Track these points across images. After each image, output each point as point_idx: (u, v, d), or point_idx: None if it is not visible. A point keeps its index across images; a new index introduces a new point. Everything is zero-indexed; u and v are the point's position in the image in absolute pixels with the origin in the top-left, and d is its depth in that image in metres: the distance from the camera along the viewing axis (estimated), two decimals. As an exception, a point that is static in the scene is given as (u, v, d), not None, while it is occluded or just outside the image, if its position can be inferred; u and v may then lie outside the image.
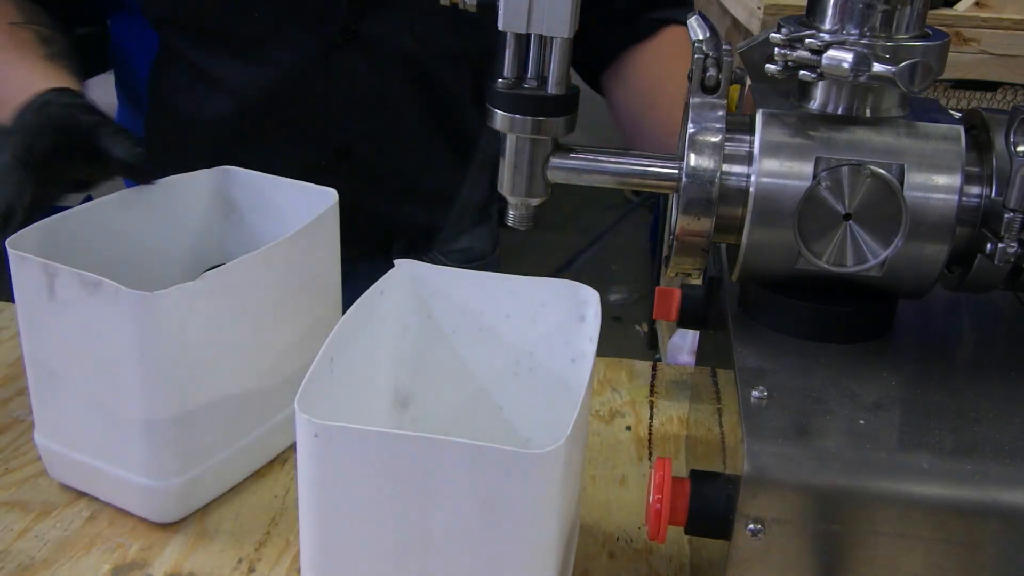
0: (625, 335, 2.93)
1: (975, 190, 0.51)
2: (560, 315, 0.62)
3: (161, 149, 1.01)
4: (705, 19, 0.53)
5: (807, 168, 0.50)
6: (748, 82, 0.56)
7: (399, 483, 0.47)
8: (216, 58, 0.93)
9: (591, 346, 0.57)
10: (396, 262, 0.62)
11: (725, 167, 0.51)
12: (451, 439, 0.46)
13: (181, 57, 0.95)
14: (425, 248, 1.07)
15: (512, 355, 0.63)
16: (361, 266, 1.05)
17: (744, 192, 0.51)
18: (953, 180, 0.50)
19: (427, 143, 0.99)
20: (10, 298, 0.67)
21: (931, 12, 0.52)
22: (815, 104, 0.52)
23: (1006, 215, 0.49)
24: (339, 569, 0.50)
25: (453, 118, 0.98)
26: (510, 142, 0.53)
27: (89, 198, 0.67)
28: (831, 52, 0.48)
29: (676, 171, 0.52)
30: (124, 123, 1.04)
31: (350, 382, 0.57)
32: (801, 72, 0.50)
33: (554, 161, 0.53)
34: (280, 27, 0.90)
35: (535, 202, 0.55)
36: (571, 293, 0.61)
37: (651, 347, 2.74)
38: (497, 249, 1.15)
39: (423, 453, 0.46)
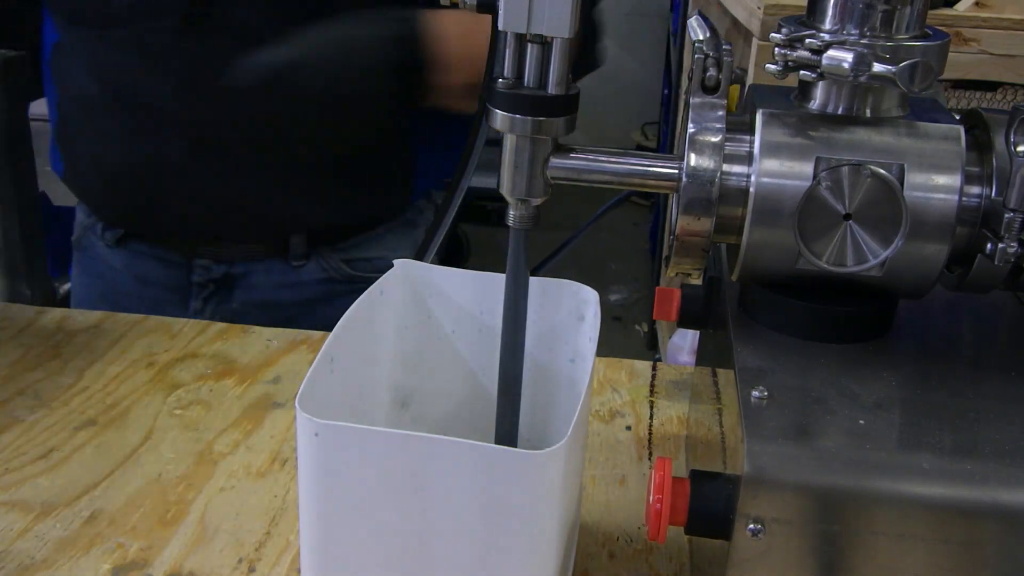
0: (625, 335, 2.93)
1: (975, 190, 0.51)
2: (560, 315, 0.62)
3: (69, 134, 1.02)
4: (705, 19, 0.53)
5: (807, 168, 0.50)
6: (748, 82, 0.56)
7: (400, 482, 0.47)
8: (88, 42, 0.94)
9: (591, 346, 0.57)
10: (395, 262, 0.62)
11: (725, 167, 0.51)
12: (451, 439, 0.46)
13: (67, 43, 0.97)
14: (325, 252, 1.05)
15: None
16: (257, 266, 1.05)
17: (744, 192, 0.51)
18: (953, 180, 0.50)
19: (290, 133, 0.97)
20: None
21: (931, 12, 0.52)
22: (815, 104, 0.52)
23: (1006, 215, 0.49)
24: (338, 568, 0.50)
25: (316, 105, 0.96)
26: (510, 142, 0.53)
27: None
28: (831, 52, 0.48)
29: (676, 171, 0.52)
30: (49, 115, 1.06)
31: (350, 382, 0.57)
32: (801, 72, 0.50)
33: (554, 161, 0.53)
34: (132, 11, 0.90)
35: (535, 202, 0.55)
36: (571, 293, 0.61)
37: (651, 347, 2.74)
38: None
39: (424, 452, 0.46)
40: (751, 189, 0.50)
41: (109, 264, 1.07)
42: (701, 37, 0.52)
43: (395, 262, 0.61)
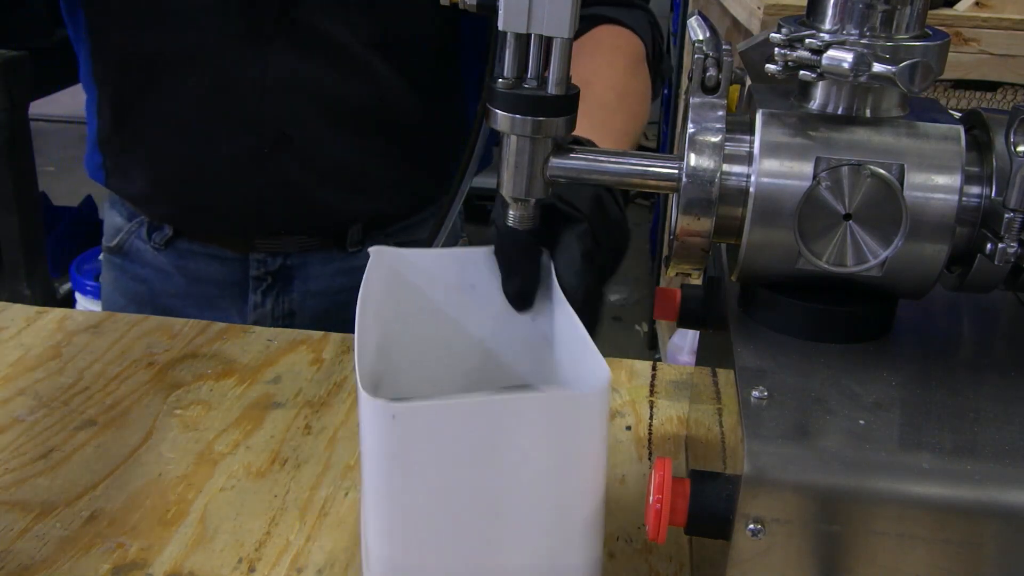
0: (625, 335, 2.93)
1: (975, 190, 0.51)
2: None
3: (118, 139, 1.02)
4: (705, 19, 0.53)
5: (807, 168, 0.50)
6: (748, 82, 0.56)
7: (477, 449, 0.48)
8: (150, 40, 0.93)
9: (555, 291, 0.57)
10: (370, 250, 0.62)
11: (725, 167, 0.51)
12: (521, 395, 0.48)
13: (119, 45, 0.96)
14: (379, 238, 1.07)
15: (487, 321, 0.63)
16: (314, 256, 1.05)
17: (744, 192, 0.51)
18: (953, 180, 0.50)
19: (368, 135, 0.98)
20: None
21: (931, 12, 0.52)
22: (815, 104, 0.52)
23: (1006, 215, 0.49)
24: (415, 548, 0.50)
25: (388, 108, 0.98)
26: (510, 142, 0.53)
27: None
28: (831, 52, 0.48)
29: (676, 171, 0.52)
30: (88, 120, 1.05)
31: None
32: (801, 72, 0.50)
33: (554, 161, 0.53)
34: (215, 12, 0.90)
35: (535, 202, 0.55)
36: None
37: (651, 347, 2.74)
38: (460, 242, 1.15)
39: (497, 414, 0.48)
40: (751, 189, 0.50)
41: (156, 267, 1.07)
42: (701, 37, 0.52)
43: (370, 250, 0.61)
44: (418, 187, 1.06)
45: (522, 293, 0.60)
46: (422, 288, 0.63)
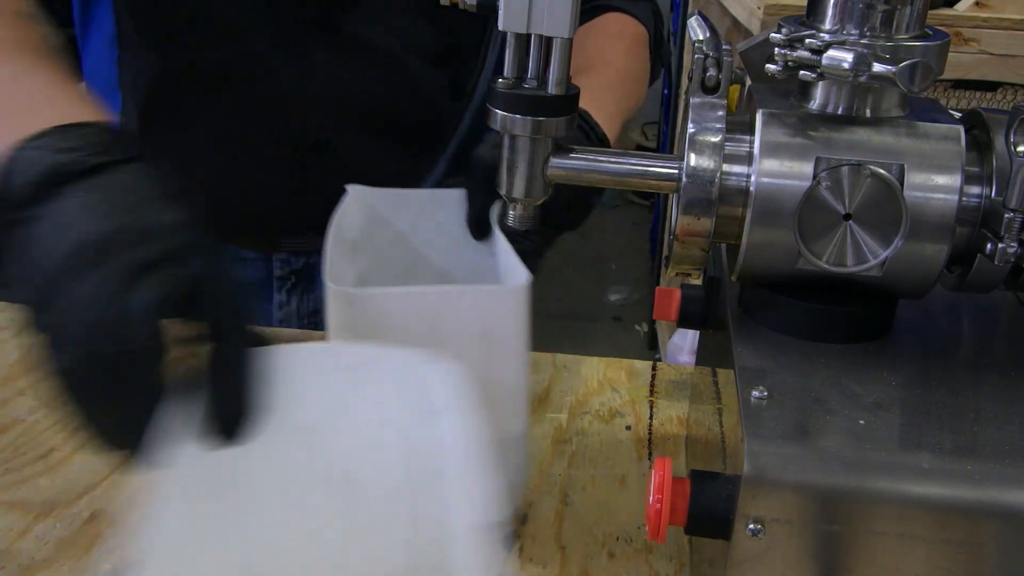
0: (625, 335, 2.93)
1: (975, 190, 0.51)
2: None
3: (142, 144, 1.01)
4: (705, 19, 0.53)
5: (807, 168, 0.50)
6: (748, 82, 0.56)
7: (421, 330, 0.56)
8: (188, 52, 0.93)
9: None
10: (348, 187, 0.69)
11: (725, 167, 0.51)
12: (457, 286, 0.59)
13: (148, 48, 0.95)
14: None
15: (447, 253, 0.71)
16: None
17: (744, 192, 0.51)
18: (953, 180, 0.50)
19: (407, 141, 0.98)
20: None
21: (931, 12, 0.52)
22: (815, 104, 0.52)
23: (1006, 215, 0.49)
24: None
25: (432, 115, 0.98)
26: (510, 142, 0.53)
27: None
28: (831, 52, 0.48)
29: (676, 171, 0.52)
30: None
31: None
32: (801, 72, 0.50)
33: (554, 161, 0.53)
34: (249, 14, 0.90)
35: (535, 202, 0.55)
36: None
37: (651, 347, 2.74)
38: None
39: (437, 302, 0.57)
40: (751, 189, 0.50)
41: None
42: (701, 37, 0.52)
43: (348, 187, 0.68)
44: (446, 176, 1.06)
45: (479, 221, 0.68)
46: (393, 222, 0.71)
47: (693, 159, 0.51)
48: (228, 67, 0.92)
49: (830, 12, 0.51)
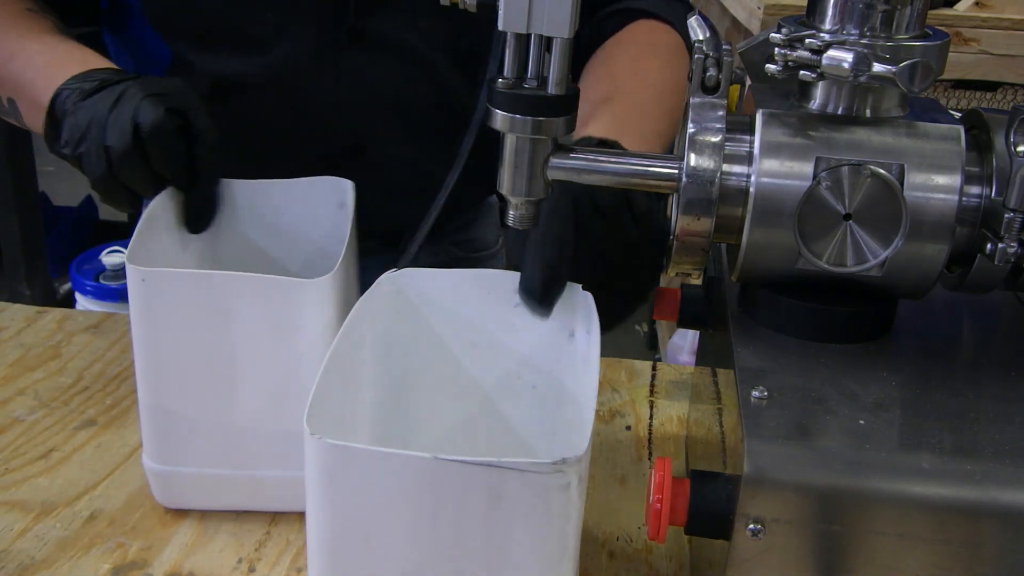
0: (625, 335, 2.92)
1: (975, 190, 0.51)
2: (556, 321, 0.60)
3: None
4: (705, 19, 0.53)
5: (807, 168, 0.50)
6: (748, 82, 0.56)
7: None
8: (223, 60, 0.93)
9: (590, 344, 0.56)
10: (384, 276, 0.61)
11: (725, 167, 0.51)
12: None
13: (190, 63, 0.95)
14: (435, 238, 1.07)
15: (512, 362, 0.62)
16: (371, 260, 1.05)
17: (744, 192, 0.51)
18: (953, 180, 0.50)
19: (435, 139, 0.99)
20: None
21: (931, 12, 0.52)
22: (815, 104, 0.52)
23: (1006, 215, 0.49)
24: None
25: (456, 113, 0.98)
26: (510, 142, 0.53)
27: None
28: (831, 52, 0.48)
29: (676, 171, 0.52)
30: None
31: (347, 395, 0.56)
32: (801, 72, 0.50)
33: (554, 161, 0.53)
34: (286, 27, 0.90)
35: (535, 202, 0.55)
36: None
37: (651, 347, 2.74)
38: (500, 240, 1.16)
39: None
40: (751, 189, 0.50)
41: None
42: (701, 37, 0.52)
43: (384, 276, 0.61)
44: (473, 188, 1.05)
45: (539, 295, 0.60)
46: (446, 314, 0.62)
47: (693, 159, 0.51)
48: (262, 78, 0.92)
49: (830, 12, 0.51)
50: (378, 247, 1.04)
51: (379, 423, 0.61)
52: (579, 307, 0.58)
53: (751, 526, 0.44)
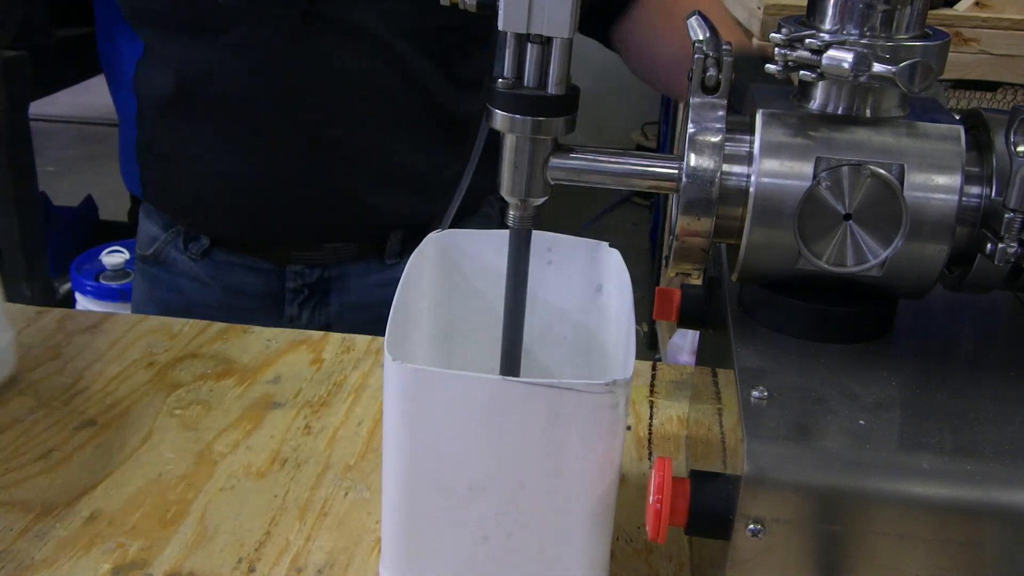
0: (625, 335, 2.92)
1: (975, 190, 0.51)
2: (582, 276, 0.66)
3: (155, 148, 1.02)
4: (705, 19, 0.53)
5: (807, 168, 0.50)
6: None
7: (482, 422, 0.51)
8: (186, 48, 0.93)
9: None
10: (429, 237, 0.65)
11: (725, 167, 0.51)
12: (524, 380, 0.51)
13: (156, 51, 0.96)
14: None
15: (545, 314, 0.67)
16: (352, 268, 1.04)
17: (744, 192, 0.51)
18: (953, 180, 0.50)
19: (403, 126, 0.98)
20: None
21: (931, 12, 0.52)
22: (815, 104, 0.52)
23: (1006, 215, 0.49)
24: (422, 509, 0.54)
25: (427, 100, 0.97)
26: (510, 142, 0.53)
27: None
28: (831, 52, 0.48)
29: (676, 171, 0.52)
30: (124, 131, 1.04)
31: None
32: (801, 72, 0.50)
33: (554, 161, 0.53)
34: (246, 10, 0.89)
35: (535, 202, 0.55)
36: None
37: (651, 347, 2.74)
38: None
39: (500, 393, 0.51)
40: (751, 189, 0.50)
41: (192, 277, 1.06)
42: (701, 37, 0.52)
43: (427, 238, 0.65)
44: (463, 185, 1.05)
45: None
46: (485, 269, 0.67)
47: (693, 159, 0.51)
48: (226, 65, 0.92)
49: (830, 12, 0.51)
50: (358, 255, 1.03)
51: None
52: (605, 262, 0.64)
53: (751, 526, 0.44)
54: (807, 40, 0.49)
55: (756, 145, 0.51)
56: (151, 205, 1.07)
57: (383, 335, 0.55)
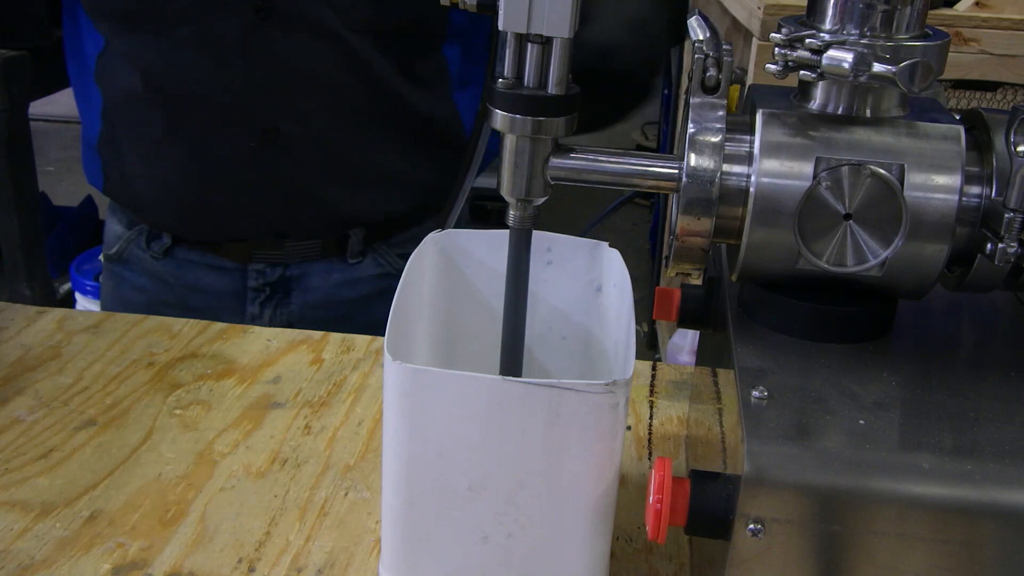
0: (625, 335, 2.92)
1: (975, 190, 0.51)
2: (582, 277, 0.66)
3: (115, 142, 1.02)
4: (705, 19, 0.53)
5: (807, 168, 0.50)
6: (748, 82, 0.56)
7: (485, 422, 0.51)
8: (141, 44, 0.93)
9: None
10: (429, 236, 0.64)
11: (725, 167, 0.51)
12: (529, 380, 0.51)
13: (115, 45, 0.96)
14: (381, 248, 1.06)
15: (544, 314, 0.67)
16: (314, 267, 1.04)
17: (744, 192, 0.51)
18: (953, 180, 0.50)
19: (361, 123, 0.97)
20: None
21: (931, 12, 0.52)
22: (815, 104, 0.52)
23: (1006, 215, 0.49)
24: (420, 507, 0.54)
25: (386, 98, 0.97)
26: (510, 142, 0.53)
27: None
28: (831, 52, 0.48)
29: (676, 171, 0.52)
30: (86, 125, 1.05)
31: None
32: (801, 72, 0.50)
33: (554, 161, 0.53)
34: (197, 6, 0.89)
35: (535, 202, 0.55)
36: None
37: (651, 347, 2.74)
38: None
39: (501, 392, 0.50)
40: (751, 189, 0.50)
41: (156, 276, 1.06)
42: (701, 37, 0.52)
43: (428, 237, 0.64)
44: (418, 186, 1.05)
45: None
46: (484, 269, 0.67)
47: (693, 159, 0.51)
48: (181, 59, 0.92)
49: (830, 12, 0.51)
50: (319, 254, 1.03)
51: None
52: (605, 262, 0.65)
53: (751, 526, 0.44)
54: (807, 40, 0.49)
55: (756, 145, 0.51)
56: (110, 198, 1.08)
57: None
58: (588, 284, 0.66)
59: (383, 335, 0.53)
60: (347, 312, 1.05)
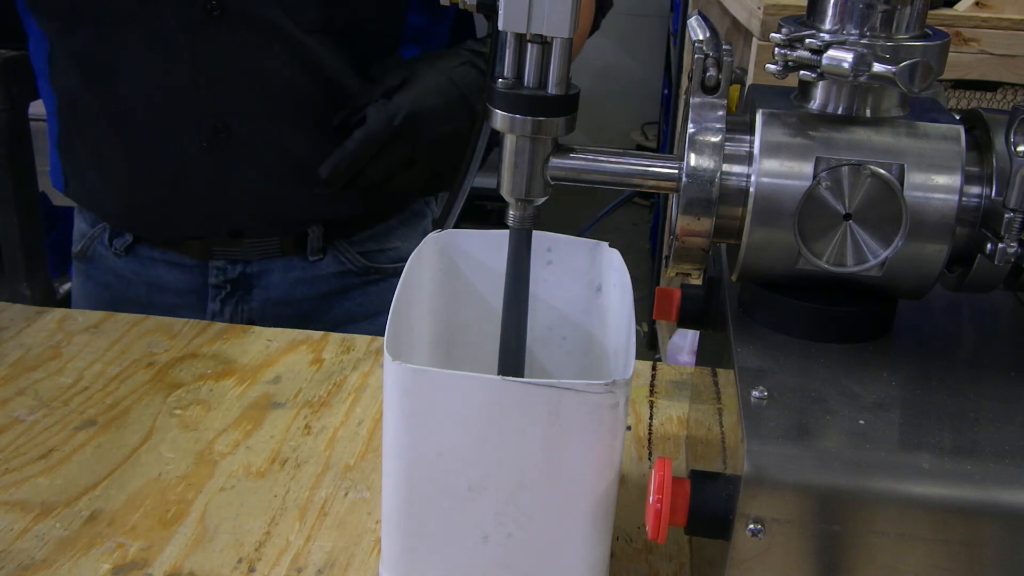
0: (625, 335, 2.91)
1: (975, 190, 0.51)
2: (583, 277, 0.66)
3: (70, 144, 1.02)
4: (705, 19, 0.53)
5: (807, 168, 0.50)
6: (748, 82, 0.56)
7: (481, 422, 0.51)
8: (88, 41, 0.93)
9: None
10: (428, 236, 0.64)
11: (725, 167, 0.51)
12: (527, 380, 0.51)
13: (61, 45, 0.96)
14: (342, 246, 1.05)
15: (544, 315, 0.67)
16: (274, 264, 1.04)
17: (744, 192, 0.51)
18: (953, 180, 0.50)
19: (314, 123, 0.97)
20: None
21: (931, 12, 0.52)
22: (815, 104, 0.52)
23: (1006, 215, 0.49)
24: (422, 508, 0.54)
25: (339, 98, 0.97)
26: (510, 142, 0.53)
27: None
28: (831, 52, 0.48)
29: (676, 171, 0.52)
30: (48, 127, 1.05)
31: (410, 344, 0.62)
32: (801, 72, 0.50)
33: (554, 161, 0.53)
34: (144, 3, 0.89)
35: (535, 202, 0.55)
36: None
37: (651, 347, 2.74)
38: None
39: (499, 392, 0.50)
40: (751, 189, 0.50)
41: (118, 273, 1.06)
42: (701, 37, 0.52)
43: (427, 237, 0.64)
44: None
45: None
46: (485, 269, 0.66)
47: (693, 159, 0.51)
48: (128, 57, 0.92)
49: (830, 12, 0.51)
50: (279, 251, 1.03)
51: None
52: (606, 262, 0.64)
53: (751, 526, 0.44)
54: (807, 40, 0.49)
55: (756, 145, 0.51)
56: (72, 200, 1.08)
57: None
58: (588, 284, 0.66)
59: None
60: (309, 309, 1.05)
